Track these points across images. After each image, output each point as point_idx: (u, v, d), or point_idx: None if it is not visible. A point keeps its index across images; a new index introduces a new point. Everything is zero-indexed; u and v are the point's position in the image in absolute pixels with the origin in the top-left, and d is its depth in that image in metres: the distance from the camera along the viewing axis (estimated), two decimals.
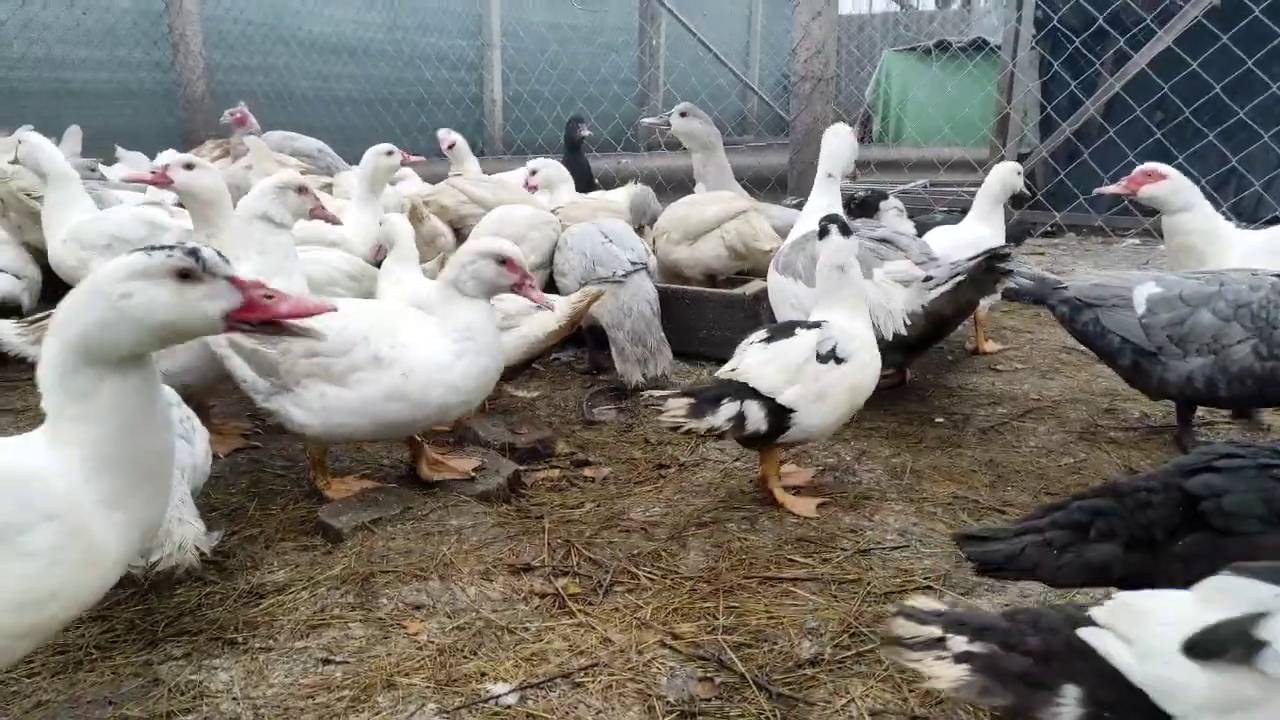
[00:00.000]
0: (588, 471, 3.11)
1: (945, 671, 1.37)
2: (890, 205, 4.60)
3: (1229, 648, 1.19)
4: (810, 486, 2.97)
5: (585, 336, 4.12)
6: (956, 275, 3.21)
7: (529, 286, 2.73)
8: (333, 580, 2.42)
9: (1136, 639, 1.29)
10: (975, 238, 4.13)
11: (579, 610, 2.27)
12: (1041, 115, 7.77)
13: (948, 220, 4.76)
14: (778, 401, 2.69)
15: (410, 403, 2.63)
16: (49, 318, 3.10)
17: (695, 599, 2.32)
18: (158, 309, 1.52)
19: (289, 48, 10.12)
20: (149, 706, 1.93)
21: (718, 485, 3.01)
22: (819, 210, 3.88)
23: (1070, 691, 1.32)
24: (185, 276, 1.53)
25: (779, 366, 2.73)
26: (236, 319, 1.59)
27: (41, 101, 8.22)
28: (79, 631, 2.18)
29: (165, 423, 1.63)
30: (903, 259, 3.45)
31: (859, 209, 4.65)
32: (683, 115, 5.31)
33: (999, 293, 3.49)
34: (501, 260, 2.68)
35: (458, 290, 2.72)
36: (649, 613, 2.26)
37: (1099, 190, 4.00)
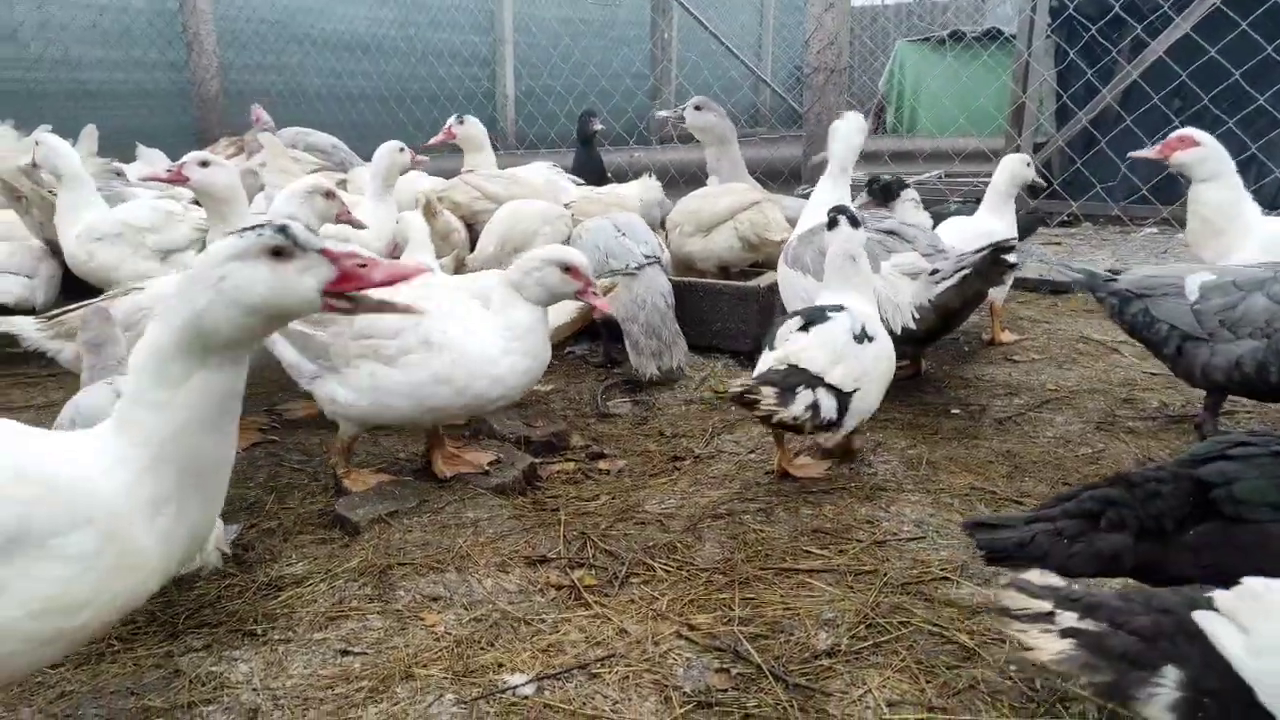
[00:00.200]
0: (603, 464, 3.12)
1: (1048, 644, 1.37)
2: (908, 196, 4.57)
3: None
4: (825, 479, 2.97)
5: (600, 330, 4.13)
6: (962, 268, 3.20)
7: (592, 293, 2.76)
8: (350, 572, 2.43)
9: (1255, 632, 1.23)
10: (985, 230, 4.10)
11: (595, 602, 2.28)
12: (1057, 104, 7.69)
13: (961, 211, 4.73)
14: (831, 384, 2.72)
15: (454, 388, 2.67)
16: (69, 313, 3.16)
17: (711, 590, 2.32)
18: (255, 288, 1.50)
19: (302, 46, 10.16)
20: (170, 697, 1.95)
21: (732, 477, 3.01)
22: (827, 203, 3.86)
23: (1171, 674, 1.29)
24: (278, 254, 1.51)
25: (826, 350, 2.77)
26: (333, 290, 1.56)
27: (58, 102, 8.28)
28: None
29: (231, 433, 1.62)
30: (909, 251, 3.44)
31: (881, 192, 4.62)
32: (697, 109, 5.28)
33: (1008, 284, 3.47)
34: (567, 268, 2.72)
35: (518, 293, 2.75)
36: (665, 604, 2.26)
37: (1132, 154, 3.94)
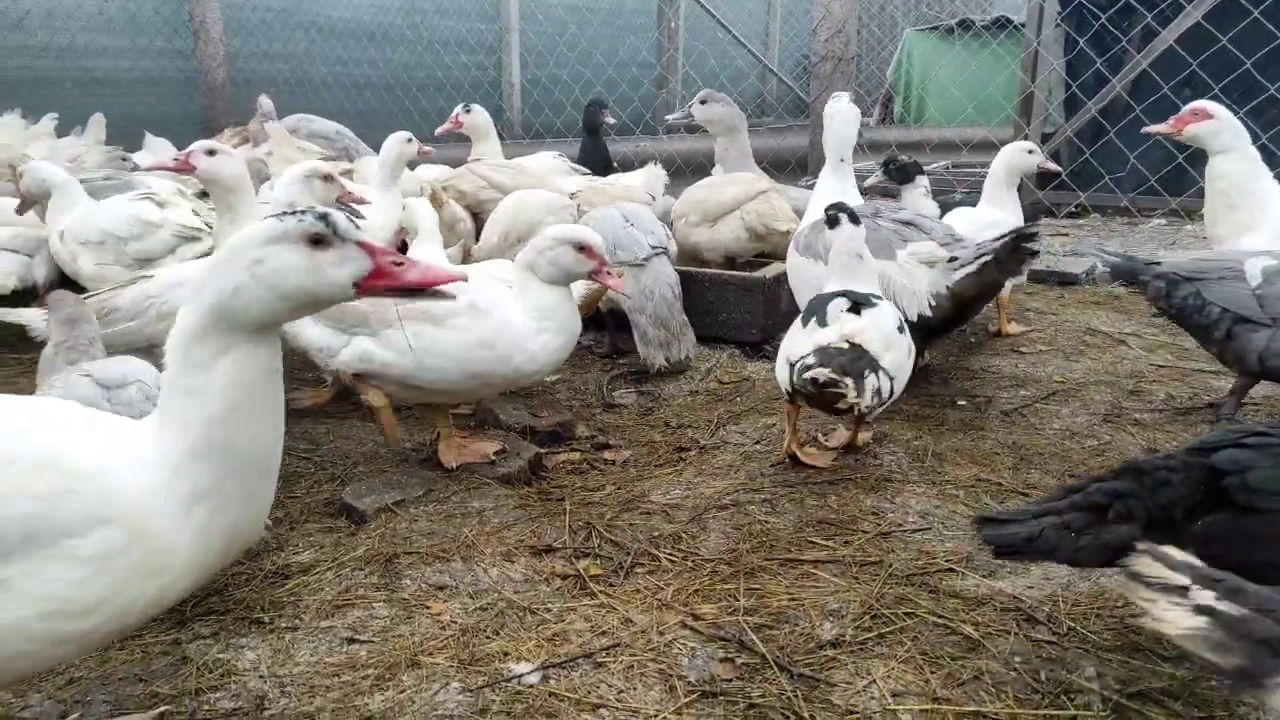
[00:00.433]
0: (608, 454, 3.12)
1: (1178, 618, 1.35)
2: (918, 185, 4.56)
3: None
4: (830, 469, 2.97)
5: (606, 320, 4.12)
6: (982, 255, 3.18)
7: (606, 273, 2.75)
8: (357, 561, 2.44)
9: None
10: (989, 220, 4.08)
11: (600, 591, 2.29)
12: (1066, 94, 7.62)
13: (966, 202, 4.71)
14: (883, 368, 2.72)
15: (496, 355, 2.68)
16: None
17: (716, 580, 2.33)
18: (291, 275, 1.49)
19: (308, 33, 10.13)
20: (178, 684, 1.96)
21: (737, 468, 3.01)
22: (833, 190, 3.85)
23: None
24: (317, 242, 1.50)
25: (879, 334, 2.78)
26: (366, 286, 1.55)
27: (65, 89, 8.29)
28: None
29: (274, 420, 1.56)
30: (927, 241, 3.43)
31: (898, 173, 4.60)
32: (703, 103, 5.27)
33: (1024, 274, 3.45)
34: (581, 247, 2.70)
35: (533, 274, 2.74)
36: (670, 594, 2.27)
37: (1146, 129, 3.90)
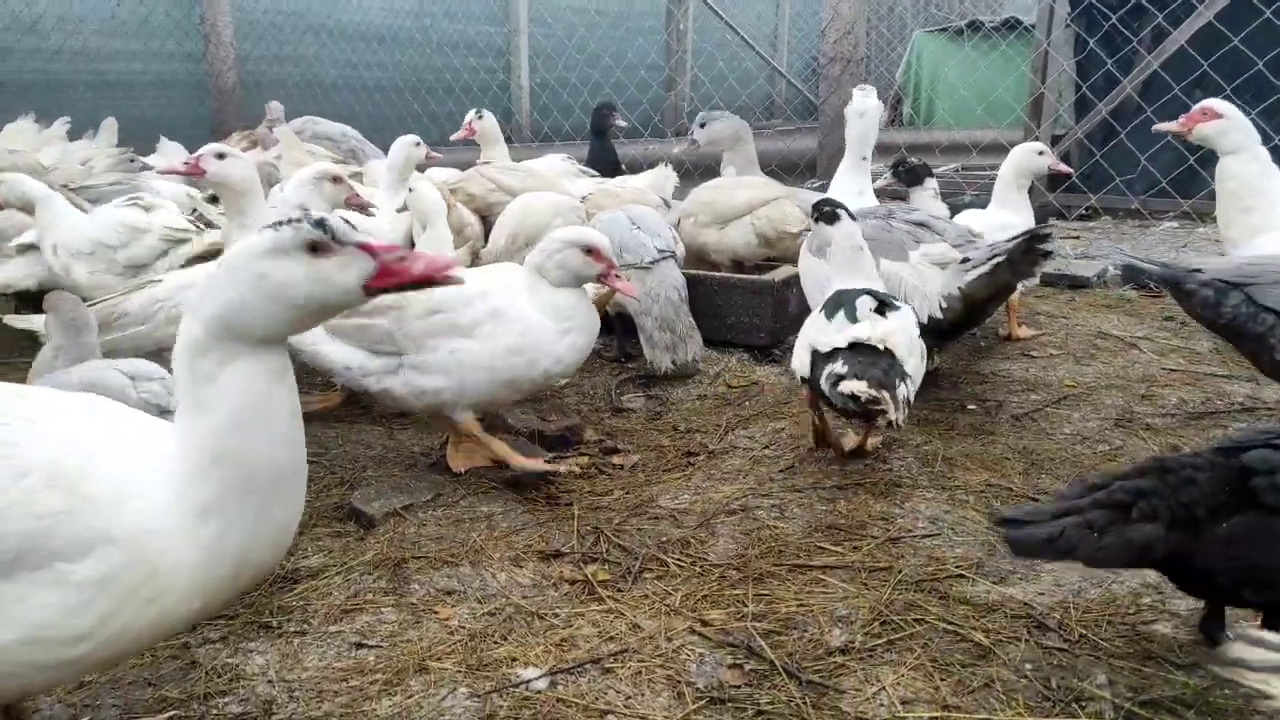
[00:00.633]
0: (616, 459, 3.12)
1: None
2: (927, 187, 4.55)
3: None
4: (841, 467, 2.97)
5: (614, 324, 4.12)
6: (995, 257, 3.16)
7: (614, 276, 2.73)
8: (365, 566, 2.45)
9: None
10: (999, 223, 4.05)
11: (608, 597, 2.28)
12: (1077, 95, 7.59)
13: (976, 204, 4.69)
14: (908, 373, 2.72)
15: (525, 359, 2.67)
16: (90, 308, 3.18)
17: (724, 586, 2.32)
18: (294, 286, 1.45)
19: (318, 37, 10.18)
20: (187, 688, 1.97)
21: (746, 472, 3.00)
22: (849, 189, 3.84)
23: None
24: (316, 249, 1.46)
25: (906, 338, 2.77)
26: (374, 287, 1.51)
27: (78, 93, 8.35)
28: None
29: (289, 435, 1.50)
30: (940, 243, 3.42)
31: (907, 175, 4.59)
32: (703, 125, 5.22)
33: (1037, 276, 3.42)
34: (588, 250, 2.68)
35: (542, 277, 2.72)
36: (678, 599, 2.26)
37: (1156, 127, 3.88)
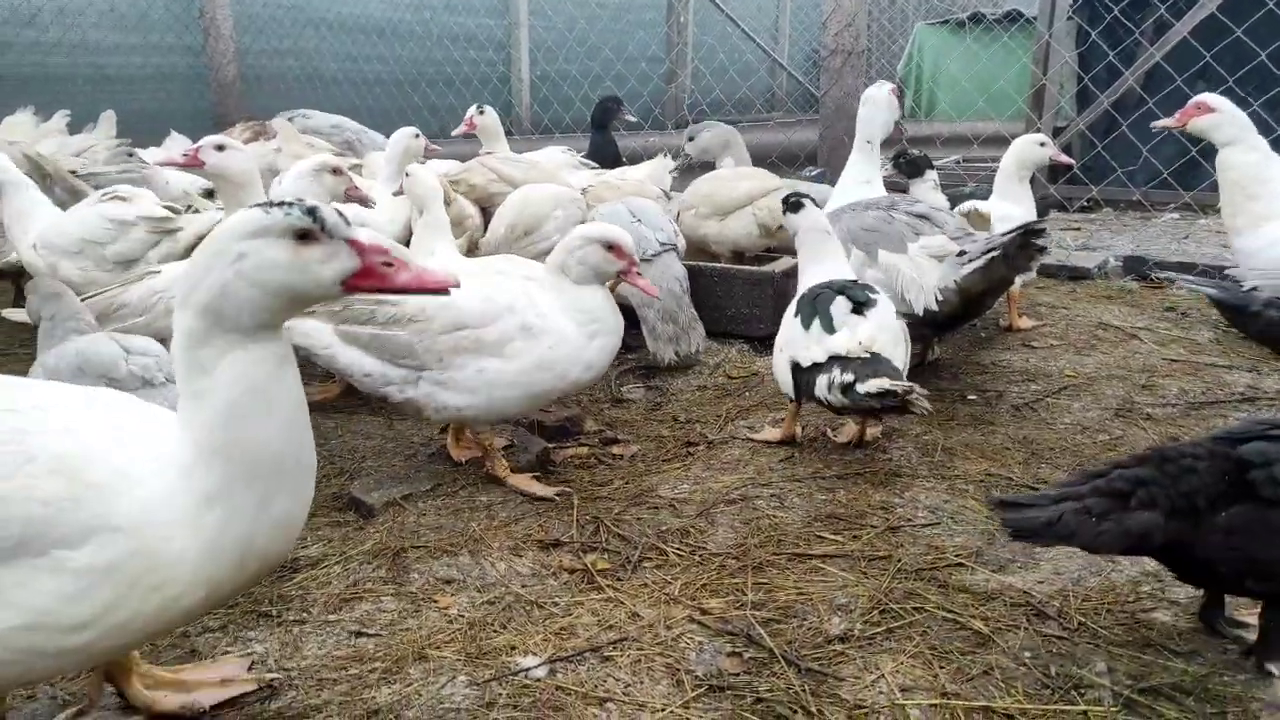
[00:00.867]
0: (616, 449, 3.12)
1: None
2: (927, 178, 4.54)
3: None
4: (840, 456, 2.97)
5: None
6: (990, 251, 3.16)
7: (636, 274, 2.68)
8: (365, 555, 2.45)
9: None
10: (999, 215, 4.05)
11: (608, 586, 2.28)
12: (1078, 87, 7.57)
13: (976, 195, 4.68)
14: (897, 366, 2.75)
15: (555, 374, 2.63)
16: (88, 300, 3.18)
17: (724, 575, 2.32)
18: (275, 271, 1.42)
19: (318, 30, 10.15)
20: None
21: (746, 462, 3.00)
22: (857, 178, 3.87)
23: None
24: (303, 237, 1.44)
25: (890, 334, 2.80)
26: (353, 285, 1.49)
27: (77, 86, 8.33)
28: None
29: (292, 421, 1.49)
30: (940, 235, 3.41)
31: (907, 166, 4.58)
32: (691, 139, 5.38)
33: (1034, 271, 3.42)
34: (610, 246, 2.63)
35: (564, 275, 2.68)
36: (678, 588, 2.26)
37: (1155, 124, 3.92)
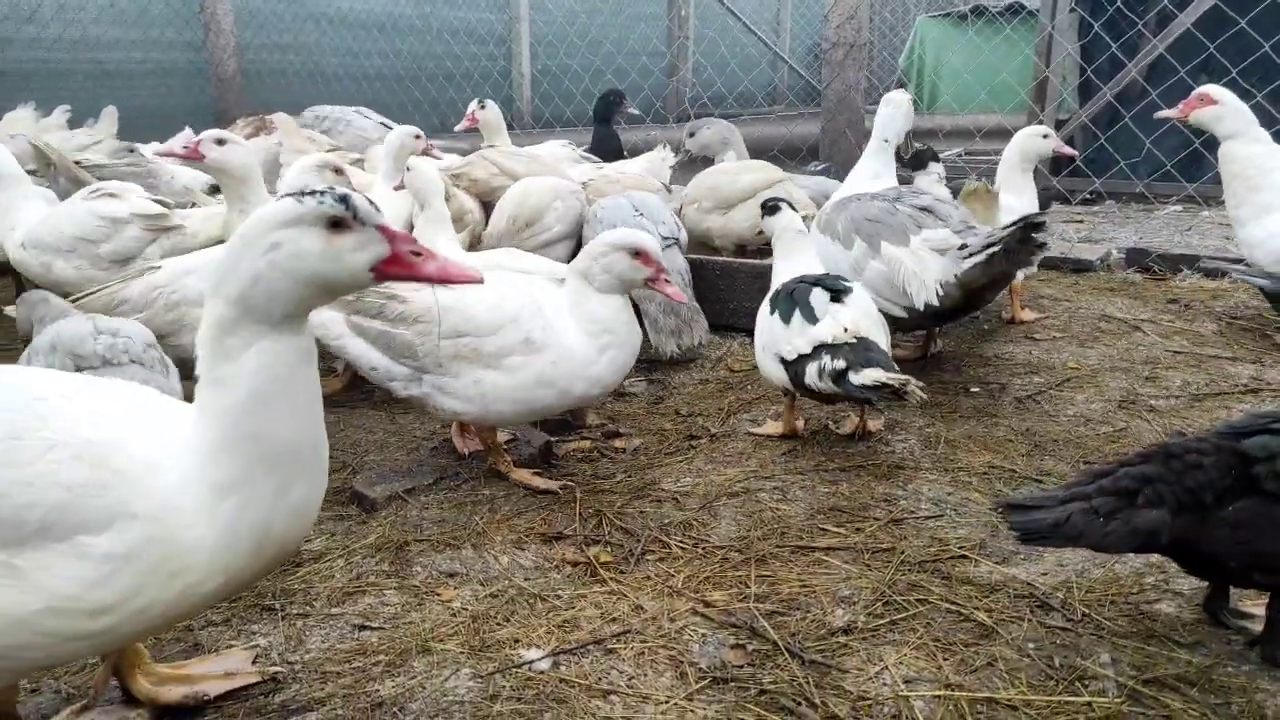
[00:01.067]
0: (618, 443, 3.12)
1: None
2: (931, 171, 4.54)
3: None
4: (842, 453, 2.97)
5: None
6: (991, 245, 3.15)
7: (664, 281, 2.56)
8: (368, 549, 2.45)
9: None
10: (1003, 206, 4.05)
11: (611, 578, 2.28)
12: (1081, 79, 7.55)
13: None
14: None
15: (556, 390, 2.55)
16: (87, 297, 3.17)
17: (727, 568, 2.32)
18: (307, 259, 1.43)
19: (319, 25, 10.14)
20: None
21: (748, 455, 3.00)
22: (867, 173, 3.91)
23: None
24: (336, 225, 1.45)
25: (871, 319, 2.84)
26: (384, 272, 1.50)
27: (78, 82, 8.33)
28: None
29: (310, 412, 1.51)
30: (943, 229, 3.40)
31: (911, 161, 4.60)
32: (692, 135, 5.54)
33: (1034, 265, 3.41)
34: (635, 253, 2.53)
35: (588, 283, 2.57)
36: (681, 581, 2.26)
37: (1158, 114, 3.94)
